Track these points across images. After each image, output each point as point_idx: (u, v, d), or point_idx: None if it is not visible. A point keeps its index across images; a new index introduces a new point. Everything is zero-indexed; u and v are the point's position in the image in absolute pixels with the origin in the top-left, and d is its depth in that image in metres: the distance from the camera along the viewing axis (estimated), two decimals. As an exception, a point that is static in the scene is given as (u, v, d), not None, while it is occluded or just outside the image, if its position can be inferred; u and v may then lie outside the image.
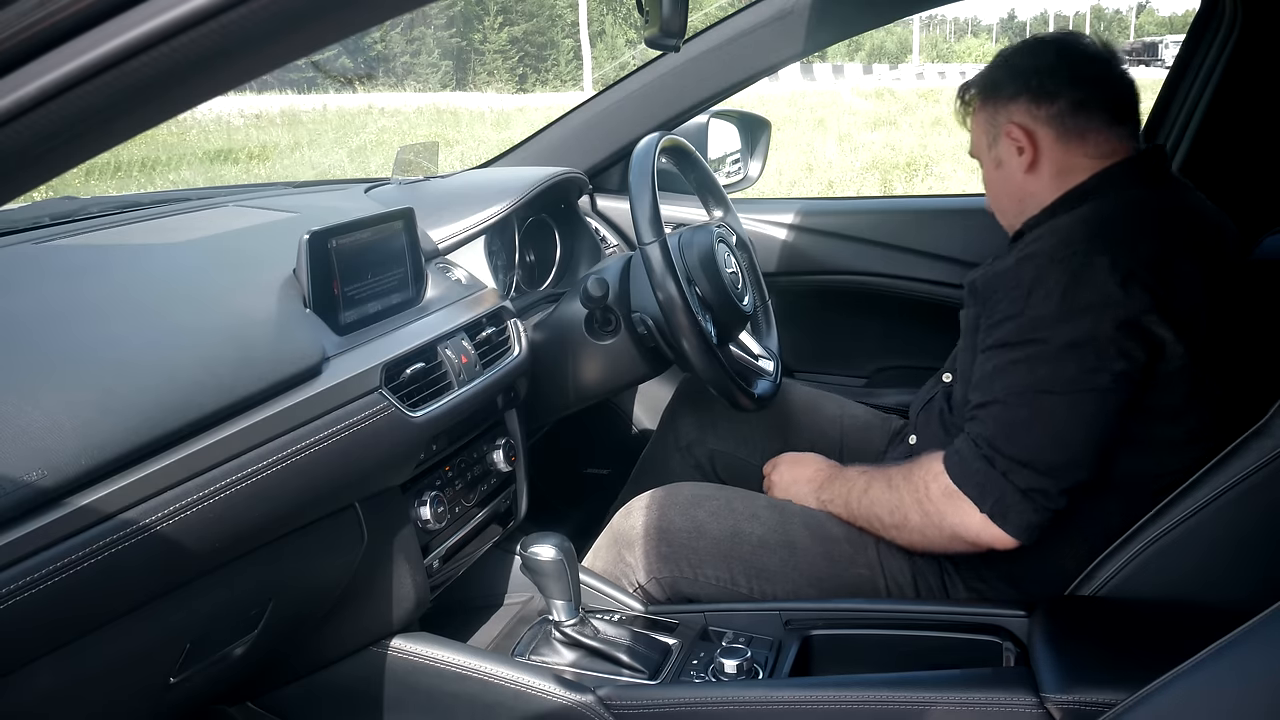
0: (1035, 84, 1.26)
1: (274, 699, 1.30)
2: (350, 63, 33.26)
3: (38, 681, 0.82)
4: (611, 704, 1.18)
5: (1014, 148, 1.28)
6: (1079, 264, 1.12)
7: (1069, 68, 1.26)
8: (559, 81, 38.72)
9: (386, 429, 1.11)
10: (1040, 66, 1.27)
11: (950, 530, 1.20)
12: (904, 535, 1.26)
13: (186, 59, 0.45)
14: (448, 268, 1.44)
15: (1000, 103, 1.29)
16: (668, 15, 0.99)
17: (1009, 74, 1.29)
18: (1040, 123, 1.26)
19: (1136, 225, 1.17)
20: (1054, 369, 1.12)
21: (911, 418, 1.47)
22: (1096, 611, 1.14)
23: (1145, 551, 1.12)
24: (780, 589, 1.32)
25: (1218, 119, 1.77)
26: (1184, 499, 1.10)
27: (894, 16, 1.96)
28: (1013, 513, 1.15)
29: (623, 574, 1.40)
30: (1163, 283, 1.12)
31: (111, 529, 0.81)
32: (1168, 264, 1.13)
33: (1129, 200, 1.21)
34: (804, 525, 1.34)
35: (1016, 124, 1.27)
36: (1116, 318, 1.10)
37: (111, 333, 0.94)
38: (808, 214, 2.06)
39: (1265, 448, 1.05)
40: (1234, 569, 1.11)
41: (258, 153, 10.86)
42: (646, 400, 2.15)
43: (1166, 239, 1.16)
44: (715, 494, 1.40)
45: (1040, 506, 1.14)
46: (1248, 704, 0.65)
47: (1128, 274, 1.10)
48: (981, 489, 1.16)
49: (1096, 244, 1.13)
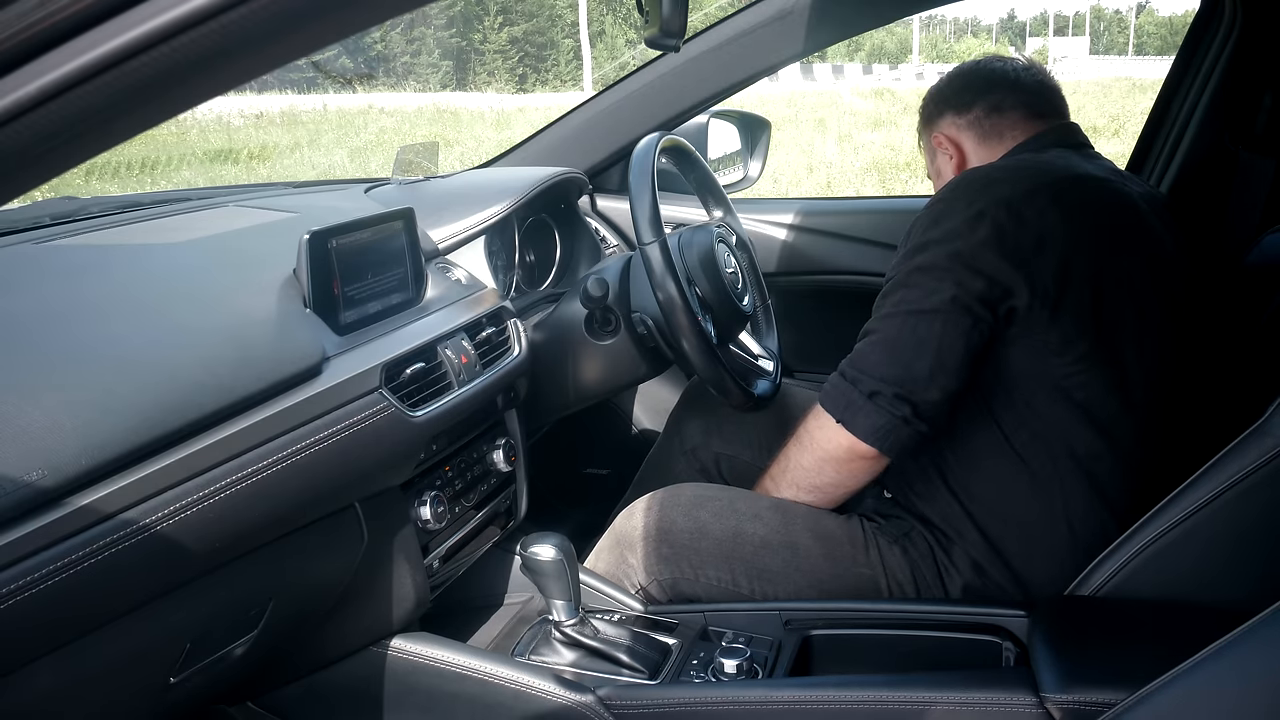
0: (954, 100, 1.45)
1: (274, 699, 1.30)
2: (350, 63, 33.26)
3: (38, 681, 0.82)
4: (611, 704, 1.18)
5: (946, 156, 1.46)
6: (941, 209, 1.25)
7: (983, 80, 1.43)
8: (559, 81, 38.73)
9: (386, 429, 1.11)
10: (957, 86, 1.46)
11: (821, 452, 1.30)
12: (801, 477, 1.34)
13: (186, 59, 0.45)
14: (448, 268, 1.44)
15: (931, 123, 1.49)
16: (668, 15, 0.99)
17: (935, 99, 1.48)
18: (961, 129, 1.44)
19: (1003, 174, 1.27)
20: (898, 297, 1.24)
21: None
22: (1096, 611, 1.14)
23: (1145, 551, 1.12)
24: (782, 590, 1.32)
25: (1217, 119, 1.76)
26: (1182, 498, 1.10)
27: (894, 16, 1.96)
28: (860, 416, 1.23)
29: (625, 575, 1.40)
30: (1010, 219, 1.19)
31: (112, 529, 0.81)
32: (1021, 203, 1.20)
33: (1011, 160, 1.35)
34: (807, 526, 1.34)
35: (944, 135, 1.46)
36: (953, 249, 1.20)
37: (111, 332, 0.94)
38: (808, 214, 2.06)
39: (1265, 446, 1.04)
40: (1232, 568, 1.11)
41: (258, 153, 10.87)
42: (646, 400, 2.15)
43: (1028, 184, 1.23)
44: (718, 495, 1.40)
45: (885, 410, 1.21)
46: (1248, 704, 0.65)
47: (976, 213, 1.20)
48: (834, 401, 1.26)
49: (959, 189, 1.25)
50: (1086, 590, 1.16)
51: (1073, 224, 1.21)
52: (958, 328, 1.19)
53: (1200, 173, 1.78)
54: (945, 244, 1.21)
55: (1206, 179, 1.78)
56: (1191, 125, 1.81)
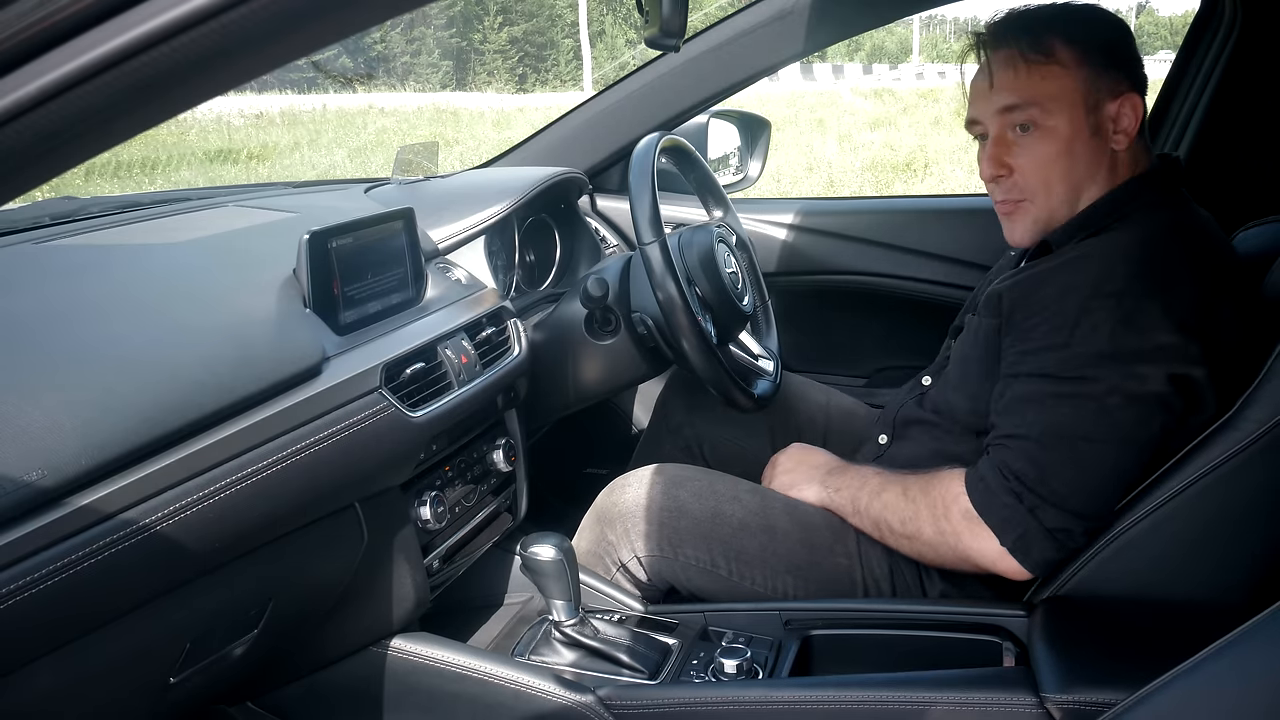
0: (1135, 63, 1.18)
1: (274, 699, 1.30)
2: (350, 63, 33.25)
3: (38, 681, 0.82)
4: (611, 704, 1.18)
5: (1123, 121, 1.18)
6: (1130, 305, 1.09)
7: (1139, 59, 1.21)
8: (559, 81, 38.70)
9: (386, 429, 1.11)
10: (1129, 46, 1.20)
11: (964, 553, 1.18)
12: (913, 546, 1.24)
13: (186, 59, 0.45)
14: (448, 268, 1.44)
15: (1111, 66, 1.17)
16: (668, 15, 0.99)
17: (1108, 41, 1.19)
18: (1141, 107, 1.19)
19: (1178, 262, 1.12)
20: (1099, 415, 1.09)
21: (886, 417, 1.45)
22: (1096, 611, 1.14)
23: (1111, 544, 1.12)
24: (759, 573, 1.32)
25: (1218, 119, 1.76)
26: (1150, 493, 1.11)
27: (894, 16, 1.96)
28: (1035, 549, 1.13)
29: (605, 552, 1.40)
30: (1209, 330, 1.09)
31: (112, 529, 0.81)
32: (1212, 308, 1.11)
33: (1162, 225, 1.16)
34: (785, 511, 1.34)
35: (1135, 94, 1.18)
36: (1169, 369, 1.08)
37: (111, 332, 0.94)
38: (808, 214, 2.06)
39: (1232, 440, 1.05)
40: (1196, 561, 1.12)
41: (258, 153, 10.85)
42: (646, 400, 2.15)
43: (1206, 277, 1.12)
44: (698, 475, 1.40)
45: (1063, 545, 1.13)
46: (1248, 704, 0.65)
47: (1180, 322, 1.08)
48: (1006, 522, 1.14)
49: (1144, 283, 1.10)
50: (1054, 585, 1.17)
51: (1245, 317, 1.17)
52: (1153, 452, 1.12)
53: (1201, 173, 1.78)
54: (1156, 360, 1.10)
55: (1207, 180, 1.78)
56: (1192, 126, 1.81)
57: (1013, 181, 1.22)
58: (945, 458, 1.28)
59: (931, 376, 1.41)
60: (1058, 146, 1.18)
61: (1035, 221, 1.24)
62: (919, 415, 1.37)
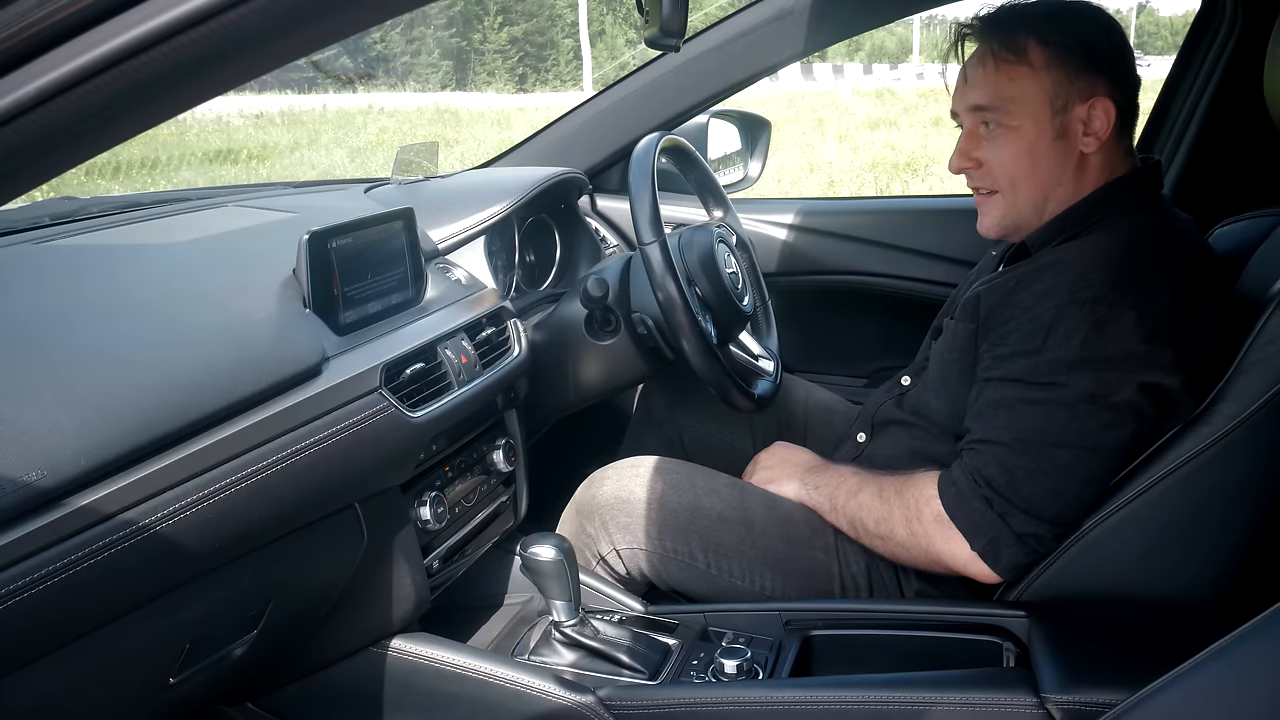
0: (1118, 65, 1.16)
1: (274, 699, 1.30)
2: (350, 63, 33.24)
3: (37, 682, 0.82)
4: (611, 704, 1.18)
5: (1094, 124, 1.16)
6: (1103, 312, 1.08)
7: (1127, 60, 1.18)
8: (559, 81, 38.70)
9: (386, 429, 1.11)
10: (1113, 48, 1.16)
11: (936, 555, 1.19)
12: (886, 546, 1.25)
13: (186, 59, 0.45)
14: (448, 268, 1.44)
15: (1086, 69, 1.15)
16: (668, 15, 0.98)
17: (1087, 43, 1.15)
18: (1114, 110, 1.16)
19: (1154, 267, 1.12)
20: (1069, 422, 1.10)
21: (865, 415, 1.46)
22: (1097, 611, 1.14)
23: (1080, 541, 1.13)
24: (737, 565, 1.32)
25: (1218, 120, 1.76)
26: (1119, 490, 1.11)
27: (894, 16, 1.96)
28: (1005, 554, 1.15)
29: (585, 545, 1.40)
30: (1184, 336, 1.09)
31: (111, 529, 0.81)
32: (1188, 315, 1.10)
33: (1139, 231, 1.16)
34: (763, 504, 1.35)
35: (1108, 98, 1.15)
36: (1140, 378, 1.08)
37: (111, 333, 0.94)
38: (808, 214, 2.06)
39: (1201, 435, 1.06)
40: (1162, 556, 1.12)
41: (258, 153, 10.85)
42: (646, 400, 2.15)
43: (1183, 284, 1.12)
44: (677, 468, 1.40)
45: (1032, 550, 1.14)
46: (1248, 704, 0.65)
47: (1153, 331, 1.08)
48: (976, 526, 1.15)
49: (1119, 291, 1.09)
50: (1023, 584, 1.18)
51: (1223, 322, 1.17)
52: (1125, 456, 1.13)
53: (1201, 174, 1.78)
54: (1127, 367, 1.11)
55: (1207, 180, 1.78)
56: (1192, 125, 1.81)
57: (981, 173, 1.24)
58: (924, 458, 1.29)
59: (911, 376, 1.42)
60: (1021, 146, 1.19)
61: (1004, 214, 1.24)
62: (897, 415, 1.37)
